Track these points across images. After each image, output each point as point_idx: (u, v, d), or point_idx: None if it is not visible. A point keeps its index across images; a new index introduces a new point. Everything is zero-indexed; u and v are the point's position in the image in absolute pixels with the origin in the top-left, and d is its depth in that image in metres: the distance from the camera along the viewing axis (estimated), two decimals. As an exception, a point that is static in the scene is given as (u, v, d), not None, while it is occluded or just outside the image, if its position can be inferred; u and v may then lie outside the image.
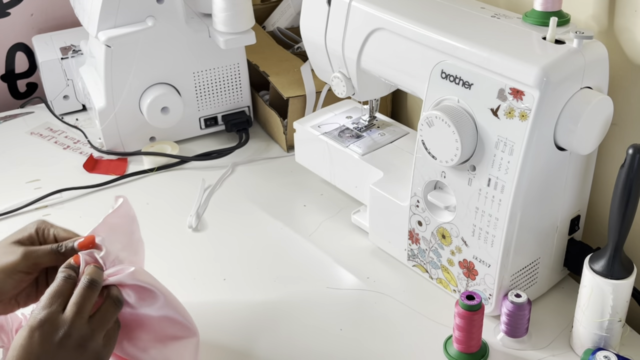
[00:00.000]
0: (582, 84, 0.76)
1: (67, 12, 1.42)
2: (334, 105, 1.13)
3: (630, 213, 0.73)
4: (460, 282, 0.88)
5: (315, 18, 0.98)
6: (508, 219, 0.78)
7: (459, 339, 0.80)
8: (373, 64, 0.93)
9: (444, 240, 0.87)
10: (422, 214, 0.88)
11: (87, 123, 1.32)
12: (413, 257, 0.93)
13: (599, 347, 0.79)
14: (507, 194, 0.77)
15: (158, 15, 1.15)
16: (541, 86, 0.72)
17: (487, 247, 0.82)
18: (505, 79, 0.75)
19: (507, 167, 0.76)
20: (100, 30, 1.13)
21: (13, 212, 1.08)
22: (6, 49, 1.44)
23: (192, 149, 1.25)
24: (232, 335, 0.87)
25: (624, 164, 0.71)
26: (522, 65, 0.73)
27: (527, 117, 0.73)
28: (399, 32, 0.86)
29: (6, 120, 1.35)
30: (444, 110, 0.78)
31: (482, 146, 0.78)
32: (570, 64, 0.74)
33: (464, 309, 0.78)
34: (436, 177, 0.85)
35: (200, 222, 1.07)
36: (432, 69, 0.81)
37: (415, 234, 0.91)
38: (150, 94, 1.18)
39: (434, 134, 0.80)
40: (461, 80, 0.79)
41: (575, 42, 0.74)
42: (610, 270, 0.75)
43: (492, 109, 0.76)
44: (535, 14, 0.80)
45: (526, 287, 0.86)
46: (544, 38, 0.77)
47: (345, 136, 1.05)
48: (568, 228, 0.87)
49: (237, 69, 1.25)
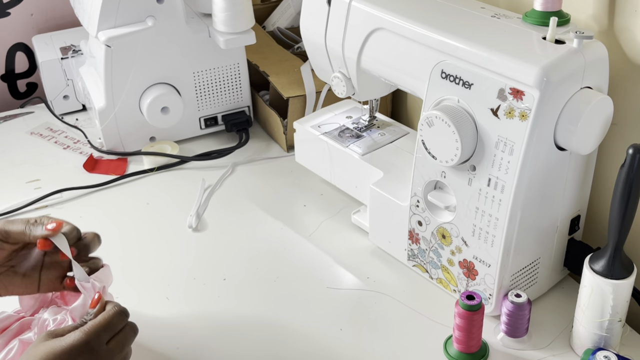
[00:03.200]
0: (582, 84, 0.76)
1: (67, 12, 1.42)
2: (334, 105, 1.13)
3: (630, 213, 0.73)
4: (460, 282, 0.88)
5: (315, 18, 0.98)
6: (508, 219, 0.78)
7: (459, 339, 0.80)
8: (373, 63, 0.92)
9: (444, 240, 0.87)
10: (422, 214, 0.88)
11: (87, 123, 1.32)
12: (413, 257, 0.93)
13: (599, 347, 0.79)
14: (507, 194, 0.77)
15: (158, 15, 1.15)
16: (541, 86, 0.72)
17: (487, 247, 0.82)
18: (506, 79, 0.75)
19: (507, 167, 0.76)
20: (100, 30, 1.13)
21: (13, 212, 1.08)
22: (6, 49, 1.44)
23: (192, 148, 1.25)
24: (232, 335, 0.87)
25: (624, 164, 0.71)
26: (522, 65, 0.73)
27: (528, 117, 0.73)
28: (399, 32, 0.85)
29: (6, 120, 1.35)
30: (444, 110, 0.78)
31: (482, 146, 0.78)
32: (571, 64, 0.74)
33: (464, 309, 0.78)
34: (436, 177, 0.85)
35: (200, 222, 1.07)
36: (432, 69, 0.81)
37: (415, 233, 0.91)
38: (150, 94, 1.18)
39: (434, 134, 0.80)
40: (461, 80, 0.79)
41: (576, 42, 0.74)
42: (610, 270, 0.75)
43: (492, 109, 0.76)
44: (536, 14, 0.80)
45: (526, 287, 0.86)
46: (544, 38, 0.77)
47: (345, 136, 1.05)
48: (568, 228, 0.87)
49: (237, 69, 1.25)
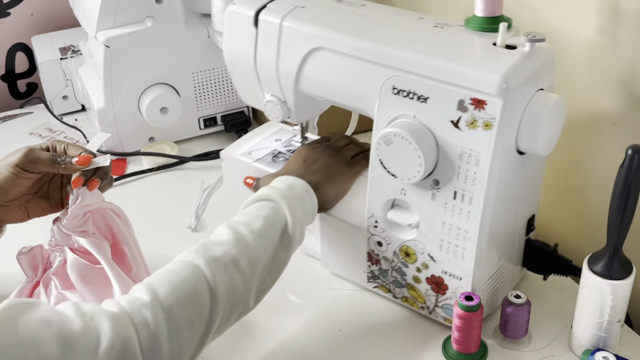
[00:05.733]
0: (537, 87, 0.75)
1: (67, 12, 1.42)
2: (258, 129, 1.08)
3: (629, 213, 0.72)
4: (428, 298, 0.85)
5: (242, 41, 0.90)
6: (479, 230, 0.77)
7: (457, 340, 0.80)
8: (313, 85, 0.87)
9: (408, 258, 0.85)
10: (382, 234, 0.86)
11: (86, 123, 1.32)
12: (374, 279, 0.90)
13: (598, 347, 0.79)
14: (476, 205, 0.76)
15: (157, 16, 1.15)
16: (503, 94, 0.70)
17: (457, 260, 0.80)
18: (465, 90, 0.73)
19: (473, 178, 0.75)
20: (99, 31, 1.13)
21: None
22: (6, 49, 1.44)
23: (191, 149, 1.25)
24: (231, 335, 0.86)
25: (623, 165, 0.71)
26: (482, 75, 0.71)
27: (492, 126, 0.72)
28: (341, 50, 0.81)
29: (6, 120, 1.36)
30: (403, 127, 0.75)
31: (445, 160, 0.76)
32: (527, 68, 0.73)
33: (462, 310, 0.78)
34: (395, 195, 0.82)
35: (200, 222, 1.07)
36: (382, 86, 0.78)
37: (375, 254, 0.88)
38: (149, 94, 1.18)
39: (393, 152, 0.77)
40: (415, 94, 0.76)
41: (528, 45, 0.73)
42: (609, 270, 0.75)
43: (453, 121, 0.74)
44: (478, 20, 0.78)
45: (494, 294, 0.85)
46: (494, 44, 0.75)
47: (279, 160, 0.99)
48: (525, 229, 0.86)
49: (237, 69, 1.25)
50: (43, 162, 0.81)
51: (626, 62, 0.82)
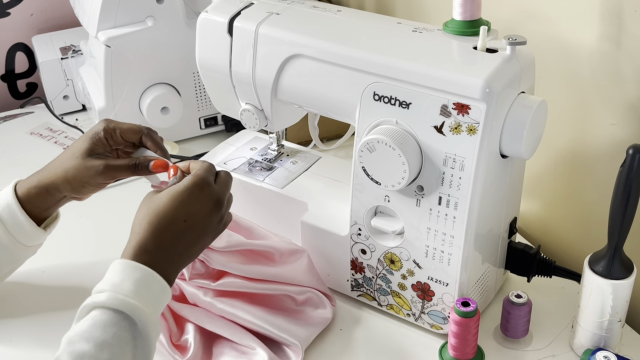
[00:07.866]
0: (519, 90, 0.74)
1: (67, 12, 1.42)
2: (232, 138, 1.05)
3: (630, 213, 0.72)
4: (414, 305, 0.84)
5: (216, 49, 0.89)
6: (465, 235, 0.76)
7: (454, 346, 0.79)
8: (291, 94, 0.85)
9: (393, 265, 0.84)
10: (366, 241, 0.84)
11: (87, 123, 1.32)
12: (357, 287, 0.89)
13: (599, 347, 0.79)
14: (462, 210, 0.75)
15: (158, 16, 1.15)
16: (487, 98, 0.70)
17: (443, 266, 0.79)
18: (448, 95, 0.72)
19: (458, 183, 0.74)
20: (100, 30, 1.13)
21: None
22: (6, 49, 1.45)
23: (192, 149, 1.25)
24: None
25: (624, 164, 0.71)
26: (465, 79, 0.70)
27: (476, 131, 0.71)
28: (320, 56, 0.80)
29: (6, 120, 1.36)
30: (386, 134, 0.74)
31: (429, 165, 0.75)
32: (509, 71, 0.72)
33: (459, 316, 0.76)
34: (378, 203, 0.81)
35: (200, 222, 1.07)
36: (362, 92, 0.77)
37: (358, 263, 0.87)
38: (150, 94, 1.18)
39: (377, 159, 0.76)
40: (397, 100, 0.75)
41: (509, 49, 0.72)
42: (609, 270, 0.75)
43: (436, 126, 0.73)
44: (456, 24, 0.77)
45: (480, 298, 0.85)
46: (475, 48, 0.74)
47: (255, 170, 0.96)
48: (508, 232, 0.86)
49: (237, 69, 1.25)
50: (122, 173, 0.83)
51: (627, 61, 0.82)
